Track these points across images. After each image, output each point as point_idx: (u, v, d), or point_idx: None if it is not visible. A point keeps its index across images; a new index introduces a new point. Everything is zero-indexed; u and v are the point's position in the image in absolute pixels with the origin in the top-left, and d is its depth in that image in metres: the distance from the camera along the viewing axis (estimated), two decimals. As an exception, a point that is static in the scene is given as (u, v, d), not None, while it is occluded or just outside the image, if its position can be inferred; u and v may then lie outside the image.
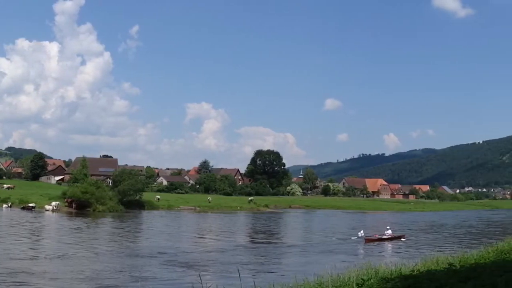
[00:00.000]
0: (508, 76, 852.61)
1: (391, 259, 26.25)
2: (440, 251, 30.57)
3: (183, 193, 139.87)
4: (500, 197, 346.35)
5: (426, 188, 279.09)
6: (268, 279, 20.83)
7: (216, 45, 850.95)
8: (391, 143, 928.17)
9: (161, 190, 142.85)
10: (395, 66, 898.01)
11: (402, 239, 51.42)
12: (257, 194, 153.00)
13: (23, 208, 78.16)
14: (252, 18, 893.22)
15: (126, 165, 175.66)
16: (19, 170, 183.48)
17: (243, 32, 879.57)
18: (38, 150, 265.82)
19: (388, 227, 53.63)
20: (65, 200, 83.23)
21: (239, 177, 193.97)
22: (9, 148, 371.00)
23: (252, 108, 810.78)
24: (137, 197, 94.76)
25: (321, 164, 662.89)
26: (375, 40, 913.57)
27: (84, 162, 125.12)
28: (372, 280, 12.17)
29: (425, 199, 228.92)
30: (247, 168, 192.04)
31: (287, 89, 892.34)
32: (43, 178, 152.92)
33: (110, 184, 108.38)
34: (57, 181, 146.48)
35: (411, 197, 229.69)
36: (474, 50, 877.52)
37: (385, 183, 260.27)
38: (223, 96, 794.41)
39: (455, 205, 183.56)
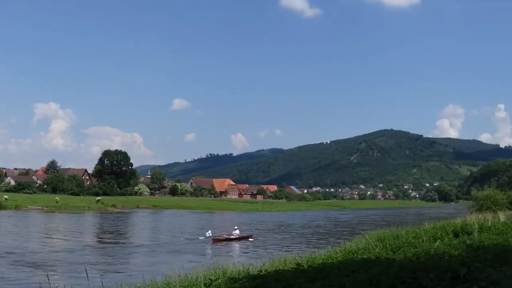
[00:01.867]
0: (355, 76, 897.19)
1: (239, 259, 26.60)
2: (288, 251, 31.32)
3: (31, 193, 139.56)
4: (348, 197, 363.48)
5: (273, 188, 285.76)
6: (116, 279, 20.90)
7: (62, 45, 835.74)
8: (239, 143, 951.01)
9: (8, 190, 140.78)
10: (244, 66, 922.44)
11: (250, 239, 52.25)
12: (105, 194, 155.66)
13: None
14: (98, 16, 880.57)
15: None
16: None
17: (89, 30, 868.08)
18: None
19: (235, 227, 54.38)
20: None
21: (87, 177, 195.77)
22: None
23: (99, 108, 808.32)
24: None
25: (169, 164, 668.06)
26: (222, 39, 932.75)
27: None
28: (219, 280, 12.26)
29: (273, 199, 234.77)
30: (94, 168, 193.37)
31: (134, 89, 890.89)
32: None
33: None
34: None
35: (259, 197, 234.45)
36: (321, 50, 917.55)
37: (233, 183, 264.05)
38: (70, 96, 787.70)
39: (303, 205, 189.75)
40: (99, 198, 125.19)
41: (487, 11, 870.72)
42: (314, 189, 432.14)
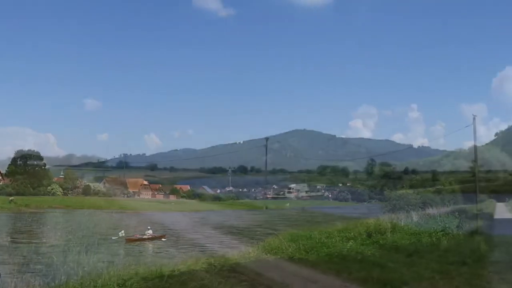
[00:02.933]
0: (267, 76, 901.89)
1: (152, 259, 26.53)
2: (201, 251, 31.41)
3: None
4: (261, 197, 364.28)
5: (187, 188, 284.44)
6: (29, 280, 20.25)
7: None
8: (152, 143, 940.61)
9: None
10: (154, 67, 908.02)
11: (163, 239, 51.99)
12: (18, 194, 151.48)
13: None
14: (12, 12, 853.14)
15: None
16: None
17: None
18: None
19: (149, 227, 54.09)
20: None
21: (0, 177, 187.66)
22: None
23: (12, 107, 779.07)
24: None
25: (82, 164, 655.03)
26: (133, 38, 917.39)
27: None
28: (133, 280, 12.20)
29: (186, 199, 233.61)
30: (7, 168, 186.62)
31: (47, 88, 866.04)
32: None
33: None
34: None
35: (172, 197, 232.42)
36: (235, 50, 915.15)
37: (146, 183, 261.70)
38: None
39: (216, 205, 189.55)
40: (12, 198, 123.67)
41: (400, 11, 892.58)
42: (227, 189, 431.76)
